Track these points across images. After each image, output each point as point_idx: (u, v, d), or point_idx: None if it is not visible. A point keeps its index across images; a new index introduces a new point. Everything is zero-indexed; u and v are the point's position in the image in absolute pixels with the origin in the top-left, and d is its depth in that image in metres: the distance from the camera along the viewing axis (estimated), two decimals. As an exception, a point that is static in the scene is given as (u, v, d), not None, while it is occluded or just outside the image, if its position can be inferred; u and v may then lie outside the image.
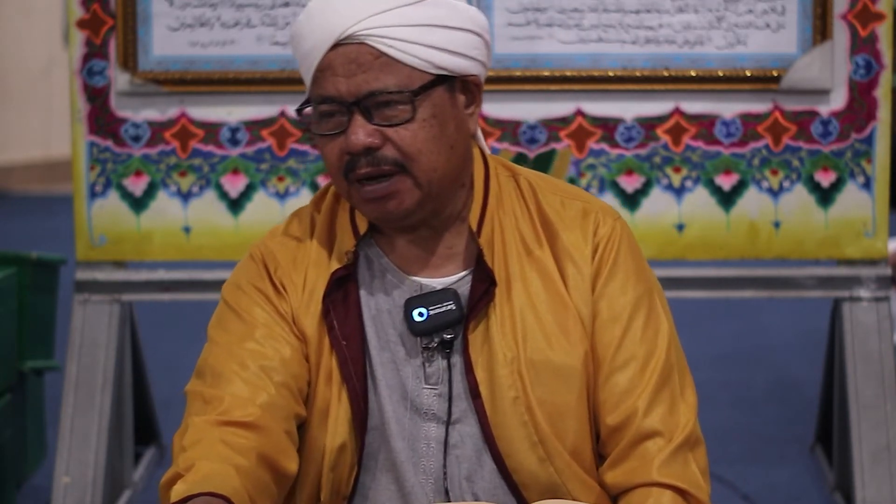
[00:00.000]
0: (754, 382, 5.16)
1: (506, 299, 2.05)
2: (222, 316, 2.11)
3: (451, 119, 2.02)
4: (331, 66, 1.99)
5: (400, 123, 1.99)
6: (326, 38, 1.98)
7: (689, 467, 2.02)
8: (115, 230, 3.57)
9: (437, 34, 1.99)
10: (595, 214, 2.10)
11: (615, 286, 2.06)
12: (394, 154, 1.99)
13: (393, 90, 1.98)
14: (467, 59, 2.03)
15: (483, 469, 2.05)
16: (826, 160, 3.53)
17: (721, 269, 3.61)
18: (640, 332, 2.05)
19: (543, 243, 2.08)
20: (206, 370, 2.06)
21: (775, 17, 3.50)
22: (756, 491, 4.01)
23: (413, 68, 1.98)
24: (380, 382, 2.06)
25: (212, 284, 3.59)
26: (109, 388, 3.57)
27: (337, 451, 2.05)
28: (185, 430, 1.99)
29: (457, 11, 2.02)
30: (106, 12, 3.53)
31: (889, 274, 3.58)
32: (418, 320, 2.04)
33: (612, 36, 3.51)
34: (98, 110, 3.55)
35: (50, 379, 4.14)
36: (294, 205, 3.54)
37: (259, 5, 3.52)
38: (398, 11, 1.98)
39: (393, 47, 1.97)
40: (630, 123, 3.54)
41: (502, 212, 2.09)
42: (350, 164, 2.00)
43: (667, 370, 2.05)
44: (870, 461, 3.46)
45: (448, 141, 2.02)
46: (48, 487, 3.61)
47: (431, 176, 2.01)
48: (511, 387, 2.02)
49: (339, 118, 2.00)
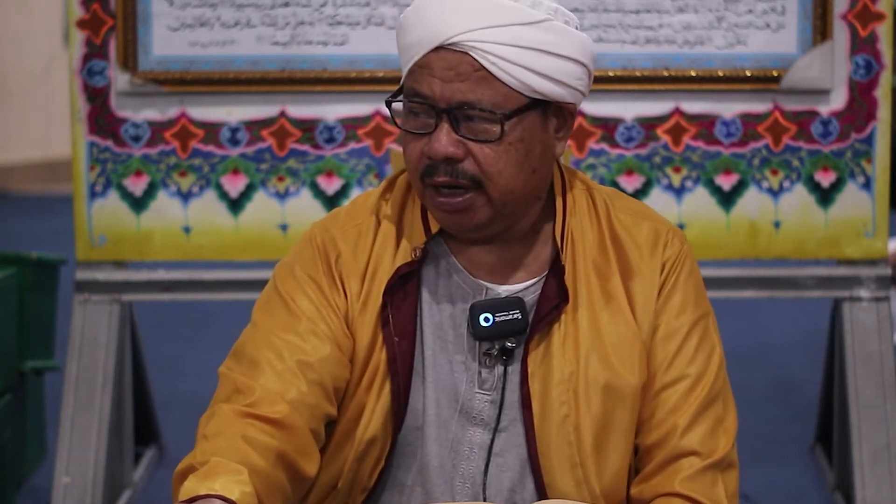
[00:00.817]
0: (754, 382, 5.15)
1: (571, 317, 2.04)
2: (269, 300, 2.08)
3: (538, 143, 2.00)
4: (429, 66, 1.96)
5: (486, 141, 1.96)
6: (432, 38, 1.95)
7: (716, 487, 2.01)
8: (115, 230, 3.57)
9: (544, 60, 1.96)
10: (665, 235, 2.10)
11: (674, 305, 2.07)
12: (473, 170, 1.97)
13: (486, 107, 1.95)
14: (567, 88, 1.99)
15: (524, 486, 2.04)
16: (826, 160, 3.53)
17: (721, 269, 3.60)
18: (692, 354, 2.06)
19: (612, 262, 2.07)
20: (242, 354, 2.03)
21: (775, 17, 3.50)
22: (756, 491, 4.01)
23: (511, 88, 1.95)
24: (429, 383, 2.04)
25: (212, 284, 3.59)
26: (109, 388, 3.56)
27: (367, 443, 2.03)
28: (211, 416, 1.97)
29: (569, 39, 1.98)
30: (106, 12, 3.53)
31: (889, 274, 3.58)
32: (484, 325, 2.01)
33: (612, 36, 3.51)
34: (98, 110, 3.55)
35: (50, 379, 4.14)
36: (294, 205, 3.54)
37: (259, 5, 3.52)
38: (510, 30, 1.94)
39: (495, 64, 1.94)
40: (630, 123, 3.54)
41: (574, 226, 2.08)
42: (429, 168, 1.98)
43: (713, 394, 2.05)
44: (870, 461, 3.46)
45: (531, 165, 2.00)
46: (48, 487, 3.61)
47: (507, 198, 1.99)
48: (563, 404, 2.01)
49: (427, 119, 1.98)
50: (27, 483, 4.00)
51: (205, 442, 1.93)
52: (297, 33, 3.51)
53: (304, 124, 3.55)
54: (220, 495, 1.83)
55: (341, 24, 3.51)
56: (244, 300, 3.35)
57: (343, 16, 3.51)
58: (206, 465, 1.89)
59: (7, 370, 3.78)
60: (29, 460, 3.97)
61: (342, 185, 3.55)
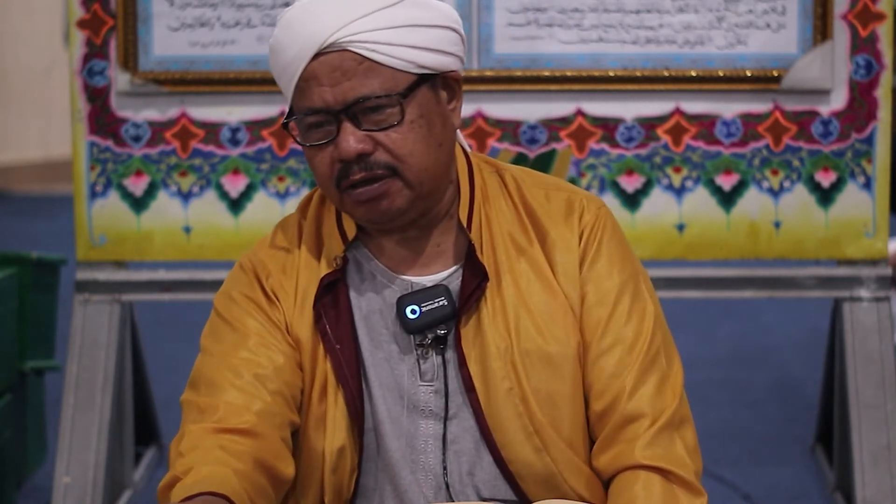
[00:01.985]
0: (754, 382, 5.15)
1: (496, 293, 2.06)
2: (215, 326, 2.12)
3: (437, 117, 2.03)
4: (315, 77, 1.98)
5: (390, 127, 1.99)
6: (308, 47, 1.97)
7: (674, 447, 2.02)
8: (115, 230, 3.57)
9: (418, 34, 1.99)
10: (579, 202, 2.11)
11: (600, 270, 2.08)
12: (386, 158, 1.99)
13: (380, 94, 1.97)
14: (447, 55, 2.03)
15: (482, 462, 2.05)
16: (826, 160, 3.53)
17: (721, 269, 3.60)
18: (625, 315, 2.06)
19: (531, 235, 2.09)
20: (199, 381, 2.06)
21: (775, 17, 3.50)
22: (756, 491, 4.01)
23: (396, 70, 1.98)
24: (374, 383, 2.06)
25: (212, 284, 3.59)
26: (109, 388, 3.57)
27: (336, 454, 2.06)
28: (182, 438, 1.99)
29: (433, 9, 2.02)
30: (106, 12, 3.53)
31: (889, 274, 3.58)
32: (411, 318, 2.04)
33: (612, 36, 3.51)
34: (98, 110, 3.55)
35: (50, 379, 4.14)
36: (295, 205, 3.53)
37: (259, 5, 3.52)
38: (378, 15, 1.98)
39: (376, 51, 1.97)
40: (630, 123, 3.54)
41: (489, 207, 2.10)
42: (343, 171, 2.00)
43: (653, 352, 2.06)
44: (870, 461, 3.46)
45: (436, 139, 2.03)
46: (48, 487, 3.61)
47: (423, 176, 2.02)
48: (504, 378, 2.03)
49: (328, 127, 2.00)
50: (27, 483, 4.00)
51: (182, 458, 1.96)
52: (298, 33, 3.51)
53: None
54: (212, 491, 1.86)
55: (341, 24, 3.51)
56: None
57: (343, 16, 3.51)
58: (191, 471, 1.91)
59: (7, 370, 3.78)
60: (29, 460, 3.97)
61: (342, 185, 3.55)
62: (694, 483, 2.02)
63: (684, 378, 2.10)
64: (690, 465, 2.02)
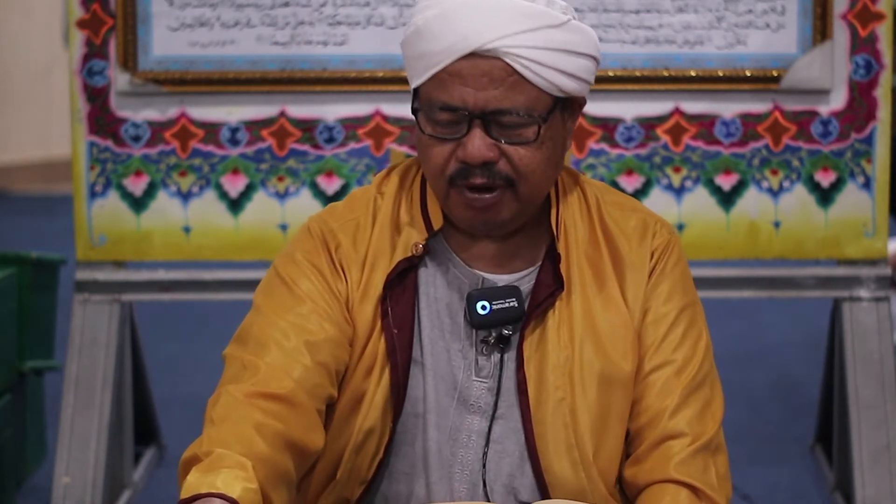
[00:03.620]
0: (754, 382, 5.15)
1: (566, 304, 2.07)
2: (271, 284, 2.10)
3: (560, 139, 2.05)
4: (460, 75, 1.98)
5: (521, 143, 1.99)
6: (464, 45, 1.96)
7: (708, 470, 2.04)
8: (115, 230, 3.57)
9: (570, 60, 2.00)
10: (653, 225, 2.14)
11: (662, 292, 2.10)
12: (507, 170, 2.00)
13: (521, 112, 1.98)
14: (585, 83, 2.05)
15: (522, 466, 2.06)
16: (826, 160, 3.53)
17: (721, 269, 3.61)
18: (678, 339, 2.09)
19: (603, 251, 2.11)
20: (248, 337, 2.04)
21: (775, 17, 3.50)
22: (756, 491, 4.01)
23: (541, 90, 1.99)
24: (428, 371, 2.07)
25: (212, 284, 3.59)
26: (109, 388, 3.57)
27: (365, 434, 2.05)
28: (218, 399, 1.97)
29: (587, 37, 2.03)
30: (106, 12, 3.53)
31: (889, 274, 3.58)
32: (481, 313, 2.04)
33: (611, 36, 3.51)
34: (98, 110, 3.55)
35: (50, 379, 4.14)
36: (294, 205, 3.54)
37: (259, 5, 3.52)
38: (541, 33, 1.98)
39: (529, 68, 1.97)
40: (630, 123, 3.54)
41: (567, 218, 2.12)
42: (461, 172, 2.00)
43: (700, 378, 2.08)
44: (870, 461, 3.46)
45: (555, 160, 2.05)
46: (48, 487, 3.61)
47: (535, 193, 2.04)
48: (559, 388, 2.04)
49: (458, 125, 1.99)
50: (27, 483, 4.00)
51: (211, 427, 1.94)
52: (297, 33, 3.51)
53: (304, 124, 3.55)
54: (221, 494, 1.83)
55: (341, 24, 3.51)
56: (244, 300, 3.34)
57: (343, 16, 3.51)
58: (210, 456, 1.89)
59: (7, 370, 3.78)
60: (29, 460, 3.96)
61: (342, 185, 3.55)
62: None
63: None
64: (721, 490, 2.04)
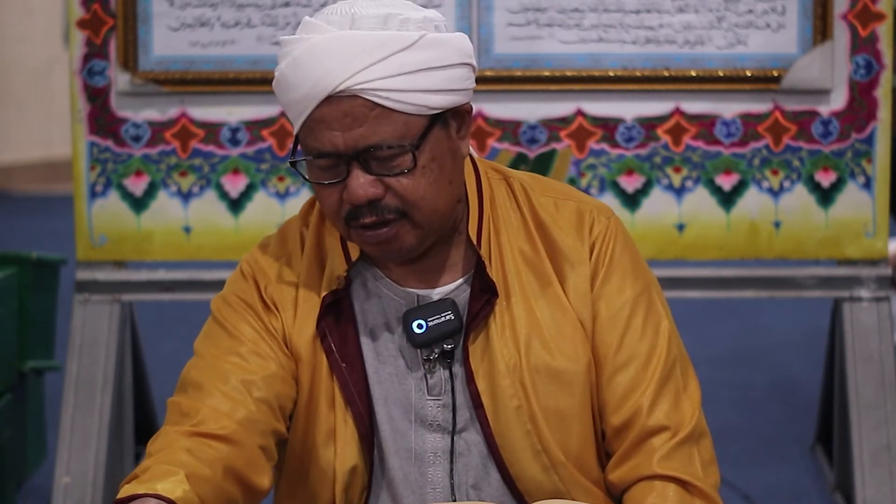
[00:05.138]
0: (754, 382, 5.15)
1: (505, 308, 2.03)
2: (210, 330, 2.10)
3: (447, 154, 1.98)
4: (325, 120, 1.92)
5: (401, 173, 1.94)
6: (318, 91, 1.91)
7: (693, 461, 2.01)
8: (115, 230, 3.57)
9: (431, 77, 1.93)
10: (589, 213, 2.08)
11: (612, 285, 2.05)
12: (396, 203, 1.95)
13: (393, 144, 1.92)
14: (459, 92, 1.97)
15: (489, 477, 2.04)
16: (826, 160, 3.53)
17: (721, 269, 3.60)
18: (639, 330, 2.04)
19: (539, 248, 2.06)
20: (188, 383, 2.04)
21: (775, 17, 3.50)
22: (756, 491, 4.02)
23: (409, 115, 1.92)
24: (378, 400, 2.05)
25: (212, 284, 3.59)
26: (109, 387, 3.57)
27: (349, 474, 2.04)
28: (157, 438, 1.98)
29: (446, 47, 1.95)
30: (106, 12, 3.53)
31: (889, 274, 3.58)
32: (418, 332, 2.02)
33: (612, 36, 3.51)
34: (98, 110, 3.55)
35: (50, 379, 4.14)
36: (295, 205, 3.54)
37: (259, 5, 3.52)
38: (390, 60, 1.90)
39: (389, 98, 1.90)
40: (630, 123, 3.54)
41: (496, 217, 2.07)
42: (352, 213, 1.96)
43: (668, 366, 2.04)
44: (870, 461, 3.46)
45: (446, 178, 1.98)
46: (48, 487, 3.61)
47: (432, 217, 1.98)
48: (513, 396, 2.01)
49: (337, 169, 1.95)
50: (27, 483, 4.00)
51: (148, 458, 1.94)
52: (298, 33, 3.51)
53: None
54: (158, 494, 1.84)
55: (341, 24, 3.51)
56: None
57: (343, 16, 3.51)
58: (148, 470, 1.90)
59: (7, 370, 3.78)
60: (29, 460, 3.97)
61: (342, 185, 3.55)
62: (712, 495, 2.01)
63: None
64: (707, 479, 2.01)
